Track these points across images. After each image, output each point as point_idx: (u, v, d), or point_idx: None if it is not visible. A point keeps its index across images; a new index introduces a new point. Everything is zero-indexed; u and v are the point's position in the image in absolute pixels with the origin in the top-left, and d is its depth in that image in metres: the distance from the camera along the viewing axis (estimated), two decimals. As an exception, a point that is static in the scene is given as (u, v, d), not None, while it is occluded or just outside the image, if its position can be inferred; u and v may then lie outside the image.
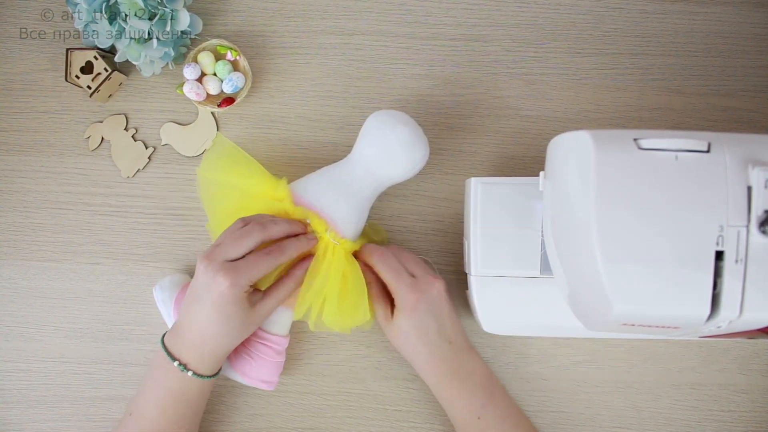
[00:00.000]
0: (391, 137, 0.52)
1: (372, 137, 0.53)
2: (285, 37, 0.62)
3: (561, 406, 0.59)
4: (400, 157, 0.53)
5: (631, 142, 0.39)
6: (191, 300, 0.49)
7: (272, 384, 0.55)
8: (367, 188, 0.54)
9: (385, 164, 0.53)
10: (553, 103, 0.62)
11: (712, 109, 0.62)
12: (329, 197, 0.53)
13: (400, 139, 0.52)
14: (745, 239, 0.37)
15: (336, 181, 0.54)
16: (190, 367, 0.49)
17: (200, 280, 0.48)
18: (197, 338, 0.49)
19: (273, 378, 0.55)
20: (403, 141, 0.52)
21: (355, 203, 0.54)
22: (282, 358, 0.56)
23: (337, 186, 0.54)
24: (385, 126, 0.53)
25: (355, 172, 0.54)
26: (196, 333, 0.49)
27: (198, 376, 0.50)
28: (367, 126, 0.54)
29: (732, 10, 0.62)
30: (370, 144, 0.53)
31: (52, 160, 0.61)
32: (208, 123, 0.61)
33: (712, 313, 0.37)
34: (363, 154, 0.54)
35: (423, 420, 0.59)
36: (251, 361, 0.54)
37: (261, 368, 0.54)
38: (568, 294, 0.47)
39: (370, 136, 0.54)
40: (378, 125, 0.53)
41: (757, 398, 0.59)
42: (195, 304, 0.49)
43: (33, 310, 0.60)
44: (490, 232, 0.54)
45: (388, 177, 0.54)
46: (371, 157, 0.53)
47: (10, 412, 0.59)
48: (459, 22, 0.62)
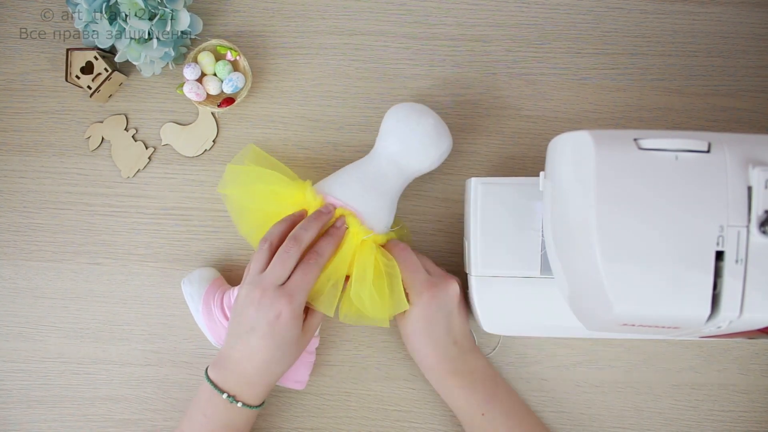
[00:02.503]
0: (418, 130, 0.53)
1: (398, 132, 0.54)
2: (285, 37, 0.62)
3: (561, 406, 0.59)
4: (428, 150, 0.54)
5: (631, 142, 0.39)
6: (243, 331, 0.48)
7: (303, 383, 0.56)
8: (395, 182, 0.55)
9: (413, 158, 0.54)
10: (553, 103, 0.62)
11: (712, 109, 0.62)
12: (359, 193, 0.54)
13: (428, 131, 0.53)
14: (746, 239, 0.37)
15: (364, 177, 0.54)
16: (239, 399, 0.49)
17: (254, 309, 0.48)
18: (250, 368, 0.49)
19: (305, 377, 0.56)
20: (430, 133, 0.53)
21: (385, 198, 0.54)
22: (313, 357, 0.57)
23: (365, 182, 0.54)
24: (410, 120, 0.53)
25: (383, 167, 0.54)
26: (248, 363, 0.49)
27: (248, 407, 0.50)
28: (390, 121, 0.54)
29: (732, 10, 0.62)
30: (396, 139, 0.54)
31: (52, 160, 0.61)
32: (208, 123, 0.61)
33: (712, 313, 0.37)
34: (390, 150, 0.54)
35: (423, 420, 0.59)
36: None
37: (294, 368, 0.55)
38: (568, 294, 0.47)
39: (395, 132, 0.54)
40: (402, 119, 0.54)
41: (757, 398, 0.59)
42: (249, 335, 0.48)
43: (33, 310, 0.60)
44: (490, 232, 0.54)
45: (416, 170, 0.55)
46: (399, 152, 0.54)
47: (10, 412, 0.59)
48: (459, 22, 0.62)
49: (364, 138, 0.61)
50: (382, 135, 0.55)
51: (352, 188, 0.54)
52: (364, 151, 0.61)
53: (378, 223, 0.54)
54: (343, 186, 0.54)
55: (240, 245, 0.61)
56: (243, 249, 0.61)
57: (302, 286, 0.49)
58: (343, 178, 0.55)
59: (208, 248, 0.61)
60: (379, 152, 0.55)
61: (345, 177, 0.55)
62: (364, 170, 0.55)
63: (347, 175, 0.55)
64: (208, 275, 0.57)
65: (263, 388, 0.50)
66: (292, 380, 0.55)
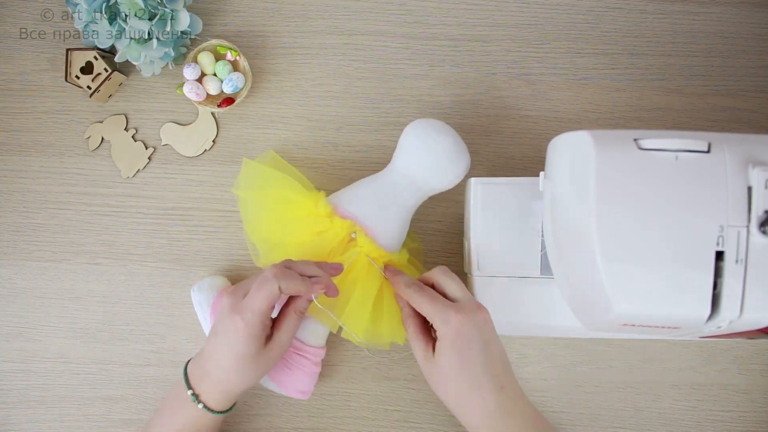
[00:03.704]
0: (437, 150, 0.52)
1: (415, 150, 0.53)
2: (285, 37, 0.62)
3: (561, 406, 0.59)
4: (447, 169, 0.53)
5: (631, 142, 0.39)
6: (212, 333, 0.48)
7: (308, 393, 0.55)
8: (410, 199, 0.54)
9: (432, 177, 0.53)
10: (553, 103, 0.62)
11: (712, 109, 0.62)
12: (372, 209, 0.53)
13: (447, 151, 0.52)
14: (746, 239, 0.37)
15: (379, 192, 0.53)
16: (201, 399, 0.48)
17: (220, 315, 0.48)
18: (213, 371, 0.48)
19: (309, 388, 0.55)
20: (450, 152, 0.52)
21: (399, 215, 0.54)
22: (318, 368, 0.55)
23: (381, 198, 0.53)
24: (429, 138, 0.52)
25: (399, 184, 0.53)
26: (212, 365, 0.48)
27: (208, 410, 0.48)
28: (408, 138, 0.53)
29: (732, 10, 0.62)
30: (414, 157, 0.53)
31: (52, 160, 0.61)
32: (208, 123, 0.61)
33: (713, 313, 0.37)
34: (408, 168, 0.53)
35: (423, 420, 0.59)
36: (289, 371, 0.53)
37: (298, 379, 0.53)
38: (568, 294, 0.47)
39: (413, 150, 0.53)
40: (421, 137, 0.53)
41: (757, 398, 0.59)
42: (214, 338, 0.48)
43: (33, 310, 0.60)
44: (490, 232, 0.54)
45: (432, 188, 0.54)
46: (417, 171, 0.53)
47: (10, 412, 0.59)
48: (459, 22, 0.62)
49: (364, 138, 0.61)
50: (400, 151, 0.54)
51: (365, 203, 0.53)
52: (364, 151, 0.61)
53: (389, 241, 0.53)
54: (356, 199, 0.54)
55: (240, 245, 0.61)
56: (243, 249, 0.61)
57: (251, 304, 0.45)
58: (357, 191, 0.54)
59: (207, 248, 0.61)
60: (396, 168, 0.54)
61: (359, 191, 0.54)
62: (380, 185, 0.54)
63: (362, 189, 0.54)
64: (218, 283, 0.57)
65: (223, 395, 0.48)
66: (295, 390, 0.54)
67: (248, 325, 0.45)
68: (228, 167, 0.61)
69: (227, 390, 0.48)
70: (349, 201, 0.54)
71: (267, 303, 0.45)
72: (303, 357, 0.53)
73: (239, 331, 0.46)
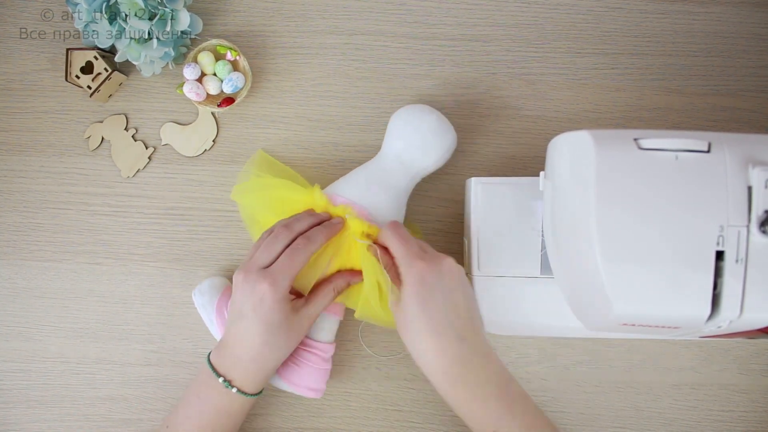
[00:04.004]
0: (421, 127, 0.54)
1: (401, 131, 0.55)
2: (285, 37, 0.62)
3: (561, 406, 0.59)
4: (432, 145, 0.54)
5: (631, 142, 0.39)
6: (234, 317, 0.49)
7: (320, 392, 0.54)
8: (401, 179, 0.55)
9: (419, 154, 0.55)
10: (553, 103, 0.62)
11: (712, 109, 0.62)
12: (364, 188, 0.54)
13: (431, 127, 0.54)
14: (746, 239, 0.37)
15: (372, 175, 0.55)
16: (234, 384, 0.48)
17: (239, 293, 0.48)
18: (243, 355, 0.48)
19: (320, 385, 0.54)
20: (433, 129, 0.54)
21: (393, 195, 0.55)
22: (329, 365, 0.55)
23: (374, 180, 0.55)
24: (413, 118, 0.55)
25: (390, 165, 0.55)
26: (241, 349, 0.48)
27: (243, 394, 0.49)
28: (395, 121, 0.56)
29: (732, 10, 0.62)
30: (400, 137, 0.55)
31: (52, 160, 0.61)
32: (208, 123, 0.61)
33: (713, 313, 0.37)
34: (394, 148, 0.55)
35: (423, 420, 0.59)
36: (298, 369, 0.53)
37: (308, 376, 0.53)
38: (568, 294, 0.47)
39: (400, 131, 0.55)
40: (406, 119, 0.55)
41: (757, 398, 0.59)
42: (239, 320, 0.48)
43: (33, 310, 0.60)
44: (490, 232, 0.54)
45: (421, 167, 0.55)
46: (403, 149, 0.55)
47: (10, 412, 0.59)
48: (459, 22, 0.62)
49: (364, 138, 0.61)
50: (387, 135, 0.56)
51: (357, 184, 0.55)
52: (364, 151, 0.61)
53: (383, 217, 0.54)
54: (348, 183, 0.55)
55: (240, 245, 0.61)
56: (243, 249, 0.61)
57: (285, 269, 0.47)
58: (353, 177, 0.56)
59: (208, 248, 0.61)
60: (385, 152, 0.56)
61: (354, 177, 0.56)
62: (371, 170, 0.56)
63: (356, 174, 0.56)
64: (218, 284, 0.57)
65: (258, 375, 0.49)
66: (305, 388, 0.53)
67: (276, 289, 0.46)
68: (228, 167, 0.61)
69: (262, 368, 0.49)
70: (342, 189, 0.55)
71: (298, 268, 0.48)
72: (311, 353, 0.53)
73: (266, 299, 0.46)
